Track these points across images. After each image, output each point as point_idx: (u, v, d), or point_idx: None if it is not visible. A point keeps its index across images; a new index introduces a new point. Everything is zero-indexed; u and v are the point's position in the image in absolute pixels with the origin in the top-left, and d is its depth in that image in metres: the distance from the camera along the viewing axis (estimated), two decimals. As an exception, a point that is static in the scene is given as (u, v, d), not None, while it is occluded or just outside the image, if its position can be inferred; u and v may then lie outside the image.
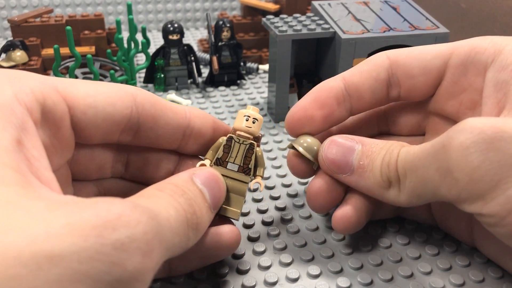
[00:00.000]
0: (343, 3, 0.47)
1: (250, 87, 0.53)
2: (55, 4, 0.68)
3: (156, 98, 0.24)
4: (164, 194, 0.20)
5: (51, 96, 0.20)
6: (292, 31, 0.42)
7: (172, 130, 0.25)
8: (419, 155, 0.23)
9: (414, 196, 0.24)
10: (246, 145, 0.26)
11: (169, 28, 0.50)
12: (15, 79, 0.19)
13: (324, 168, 0.27)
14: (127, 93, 0.23)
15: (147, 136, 0.25)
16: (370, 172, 0.25)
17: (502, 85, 0.24)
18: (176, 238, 0.19)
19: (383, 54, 0.28)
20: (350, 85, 0.28)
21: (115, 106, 0.22)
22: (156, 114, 0.24)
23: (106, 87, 0.23)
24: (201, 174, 0.23)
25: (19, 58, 0.50)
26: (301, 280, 0.26)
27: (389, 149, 0.25)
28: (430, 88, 0.28)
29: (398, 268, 0.27)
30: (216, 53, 0.50)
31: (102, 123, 0.22)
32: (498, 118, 0.21)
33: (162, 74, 0.51)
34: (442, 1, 0.67)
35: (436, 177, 0.22)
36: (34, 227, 0.14)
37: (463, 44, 0.27)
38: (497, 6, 0.57)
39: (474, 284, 0.26)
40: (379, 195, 0.26)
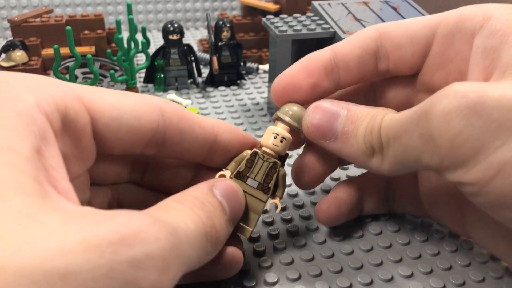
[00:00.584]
0: (343, 3, 0.47)
1: (250, 87, 0.53)
2: (55, 4, 0.68)
3: (184, 112, 0.24)
4: (183, 206, 0.20)
5: (74, 106, 0.20)
6: (292, 31, 0.42)
7: (198, 144, 0.24)
8: (402, 121, 0.23)
9: (397, 164, 0.23)
10: (269, 163, 0.25)
11: (169, 28, 0.50)
12: (38, 87, 0.19)
13: (308, 134, 0.26)
14: (154, 106, 0.22)
15: (172, 150, 0.24)
16: (354, 138, 0.25)
17: (490, 52, 0.23)
18: (194, 252, 0.19)
19: (373, 27, 0.28)
20: (338, 55, 0.27)
21: (140, 120, 0.22)
22: (183, 128, 0.23)
23: (133, 99, 0.22)
24: (221, 186, 0.23)
25: (19, 58, 0.50)
26: (301, 280, 0.26)
27: (374, 115, 0.24)
28: (418, 60, 0.27)
29: (398, 268, 0.27)
30: (216, 53, 0.50)
31: (125, 136, 0.22)
32: (483, 83, 0.21)
33: (162, 74, 0.51)
34: (442, 1, 0.66)
35: (418, 144, 0.22)
36: (49, 243, 0.14)
37: (452, 12, 0.26)
38: (497, 6, 0.57)
39: (474, 284, 0.26)
40: (362, 163, 0.25)
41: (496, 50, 0.23)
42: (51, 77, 0.47)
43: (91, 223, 0.15)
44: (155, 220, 0.17)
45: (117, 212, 0.16)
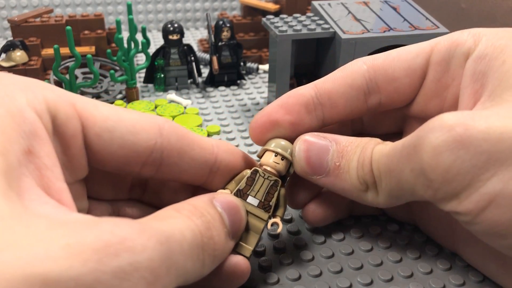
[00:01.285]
0: (343, 3, 0.47)
1: (250, 87, 0.53)
2: (55, 4, 0.68)
3: (184, 131, 0.23)
4: (181, 215, 0.19)
5: (65, 110, 0.19)
6: (292, 31, 0.42)
7: (198, 166, 0.23)
8: (391, 155, 0.22)
9: (393, 197, 0.23)
10: (270, 180, 0.25)
11: (169, 28, 0.50)
12: (30, 87, 0.18)
13: (299, 170, 0.25)
14: (153, 123, 0.21)
15: (170, 171, 0.23)
16: (347, 173, 0.24)
17: (479, 76, 0.23)
18: (189, 263, 0.18)
19: (360, 60, 0.27)
20: (322, 93, 0.26)
21: (136, 136, 0.21)
22: (182, 149, 0.22)
23: (131, 114, 0.21)
24: (222, 199, 0.22)
25: (19, 58, 0.50)
26: (301, 280, 0.26)
27: (363, 148, 0.24)
28: (414, 90, 0.26)
29: (398, 268, 0.27)
30: (216, 53, 0.50)
31: (118, 151, 0.21)
32: (468, 113, 0.20)
33: (162, 74, 0.51)
34: (442, 1, 0.66)
35: (411, 178, 0.21)
36: (32, 247, 0.13)
37: (443, 39, 0.26)
38: (497, 6, 0.57)
39: (474, 284, 0.26)
40: (358, 198, 0.25)
41: (485, 74, 0.23)
42: (51, 76, 0.47)
43: (76, 229, 0.14)
44: (144, 228, 0.16)
45: (104, 219, 0.15)
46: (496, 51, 0.23)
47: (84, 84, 0.46)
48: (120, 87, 0.50)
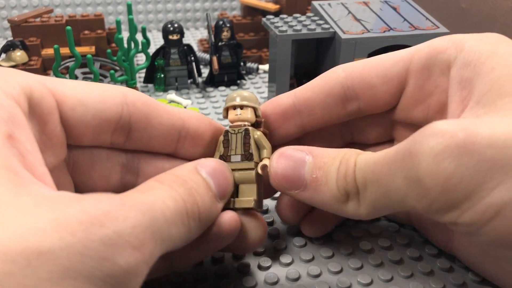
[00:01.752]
0: (343, 3, 0.47)
1: (250, 87, 0.53)
2: (55, 4, 0.68)
3: (149, 98, 0.24)
4: (163, 185, 0.20)
5: (39, 89, 0.20)
6: (292, 31, 0.42)
7: (166, 130, 0.24)
8: (382, 163, 0.21)
9: (377, 208, 0.22)
10: (241, 133, 0.26)
11: (169, 28, 0.50)
12: (2, 74, 0.19)
13: (275, 185, 0.25)
14: (117, 91, 0.23)
15: (140, 137, 0.24)
16: (325, 185, 0.23)
17: (466, 83, 0.23)
18: (174, 229, 0.19)
19: (339, 68, 0.27)
20: (300, 100, 0.27)
21: (105, 104, 0.22)
22: (149, 113, 0.24)
23: (96, 86, 0.23)
24: (206, 164, 0.23)
25: (19, 58, 0.50)
26: (301, 280, 0.26)
27: (343, 158, 0.23)
28: (393, 97, 0.27)
29: (398, 268, 0.27)
30: (216, 53, 0.50)
31: (92, 120, 0.22)
32: (468, 120, 0.20)
33: (162, 74, 0.51)
34: (442, 1, 0.66)
35: (403, 186, 0.20)
36: (21, 223, 0.14)
37: (423, 46, 0.26)
38: (497, 6, 0.57)
39: (474, 284, 0.26)
40: (337, 210, 0.24)
41: (472, 81, 0.22)
42: (51, 76, 0.47)
43: (62, 205, 0.15)
44: (125, 202, 0.17)
45: (87, 196, 0.16)
46: (481, 57, 0.22)
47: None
48: (120, 87, 0.50)
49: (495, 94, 0.21)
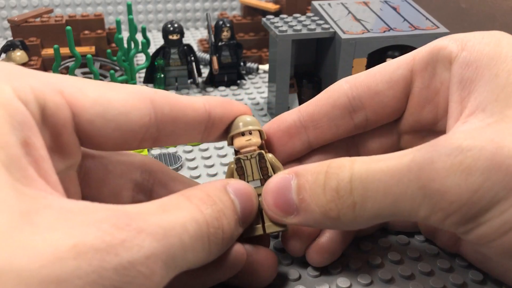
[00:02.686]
0: (343, 3, 0.47)
1: (250, 87, 0.53)
2: (55, 4, 0.68)
3: (175, 99, 0.23)
4: (190, 204, 0.20)
5: (54, 99, 0.19)
6: (292, 31, 0.42)
7: (193, 129, 0.24)
8: (392, 172, 0.20)
9: (377, 217, 0.21)
10: (255, 157, 0.25)
11: (169, 28, 0.50)
12: (15, 76, 0.18)
13: (271, 216, 0.24)
14: (144, 98, 0.21)
15: (167, 138, 0.23)
16: (315, 204, 0.22)
17: (466, 83, 0.22)
18: (190, 254, 0.19)
19: (342, 81, 0.27)
20: (304, 115, 0.27)
21: (129, 115, 0.21)
22: (176, 117, 0.22)
23: (120, 93, 0.21)
24: (235, 185, 0.22)
25: (19, 58, 0.50)
26: (301, 280, 0.26)
27: (328, 171, 0.22)
28: (399, 102, 0.26)
29: (398, 268, 0.27)
30: (216, 53, 0.50)
31: (113, 133, 0.20)
32: (491, 130, 0.19)
33: (162, 74, 0.51)
34: (442, 1, 0.66)
35: (417, 197, 0.20)
36: (42, 248, 0.14)
37: (423, 47, 0.26)
38: (497, 6, 0.57)
39: (475, 284, 0.26)
40: (331, 226, 0.23)
41: (473, 82, 0.22)
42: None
43: (80, 227, 0.16)
44: (141, 228, 0.17)
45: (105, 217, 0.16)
46: (484, 58, 0.22)
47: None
48: (120, 87, 0.50)
49: (503, 104, 0.20)
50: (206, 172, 0.37)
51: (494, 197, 0.18)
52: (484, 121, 0.21)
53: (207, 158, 0.39)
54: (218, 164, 0.38)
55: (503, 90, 0.21)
